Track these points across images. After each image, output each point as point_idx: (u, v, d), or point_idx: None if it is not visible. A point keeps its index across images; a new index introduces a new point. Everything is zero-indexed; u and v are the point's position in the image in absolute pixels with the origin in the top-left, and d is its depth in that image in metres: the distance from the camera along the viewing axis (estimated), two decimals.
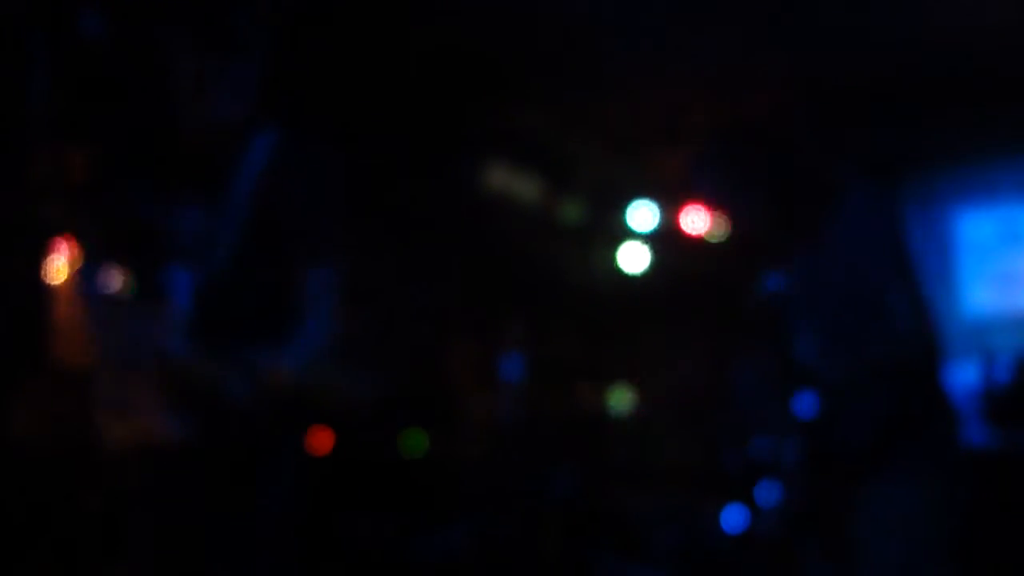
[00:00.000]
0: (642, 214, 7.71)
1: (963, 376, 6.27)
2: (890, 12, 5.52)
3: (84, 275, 2.29)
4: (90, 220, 2.47)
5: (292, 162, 2.34)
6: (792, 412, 2.83)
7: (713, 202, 2.97)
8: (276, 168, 2.32)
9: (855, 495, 2.76)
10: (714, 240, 7.34)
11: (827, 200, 2.88)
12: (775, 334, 3.01)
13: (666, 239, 7.72)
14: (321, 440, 5.93)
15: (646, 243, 7.89)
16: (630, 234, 7.86)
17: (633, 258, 7.92)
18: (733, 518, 5.89)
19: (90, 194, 2.60)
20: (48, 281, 4.50)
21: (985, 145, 6.54)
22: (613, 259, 8.09)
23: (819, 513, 2.86)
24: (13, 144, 2.26)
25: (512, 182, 7.21)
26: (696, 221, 7.46)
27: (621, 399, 8.31)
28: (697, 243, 7.46)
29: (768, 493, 5.68)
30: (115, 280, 2.30)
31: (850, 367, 2.78)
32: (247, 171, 2.36)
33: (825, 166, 2.94)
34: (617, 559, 6.29)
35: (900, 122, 6.46)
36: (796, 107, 6.22)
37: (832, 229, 2.85)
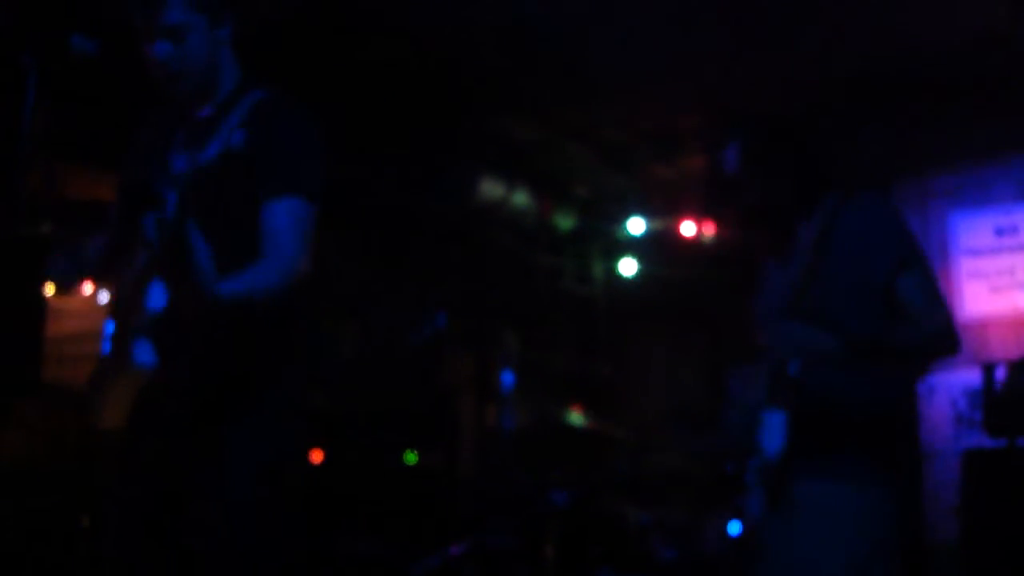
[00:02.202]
0: (635, 223, 7.71)
1: (960, 380, 6.26)
2: (885, 15, 5.53)
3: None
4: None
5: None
6: (784, 420, 2.83)
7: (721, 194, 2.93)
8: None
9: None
10: (708, 246, 7.34)
11: (830, 203, 2.87)
12: (765, 340, 3.00)
13: (660, 247, 7.72)
14: (313, 455, 5.89)
15: (640, 251, 7.88)
16: (625, 243, 7.86)
17: (628, 267, 7.91)
18: (731, 530, 5.87)
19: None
20: (44, 299, 4.47)
21: (979, 146, 6.54)
22: (608, 269, 8.08)
23: None
24: (7, 162, 2.25)
25: (507, 194, 7.19)
26: (689, 228, 7.45)
27: (616, 410, 8.28)
28: (691, 250, 7.45)
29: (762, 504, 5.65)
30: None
31: (848, 369, 2.78)
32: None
33: (825, 171, 2.94)
34: (617, 571, 6.25)
35: (895, 125, 6.46)
36: (791, 112, 6.21)
37: (835, 228, 2.85)
